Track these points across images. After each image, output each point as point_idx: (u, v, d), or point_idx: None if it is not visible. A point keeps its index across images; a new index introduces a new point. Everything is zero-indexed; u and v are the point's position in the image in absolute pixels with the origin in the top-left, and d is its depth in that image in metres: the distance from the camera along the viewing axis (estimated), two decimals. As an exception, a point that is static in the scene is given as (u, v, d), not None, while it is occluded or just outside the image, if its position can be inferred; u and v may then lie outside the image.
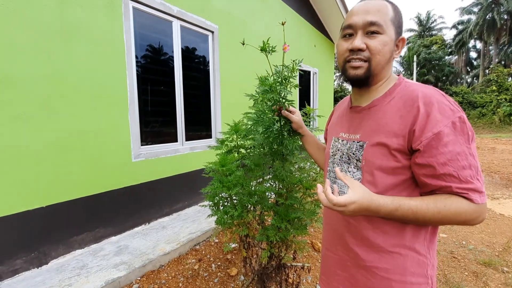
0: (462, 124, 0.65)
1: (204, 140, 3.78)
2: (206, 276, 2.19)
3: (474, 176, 0.65)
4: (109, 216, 2.60)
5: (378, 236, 0.75)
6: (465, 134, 0.65)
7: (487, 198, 4.20)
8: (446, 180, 0.66)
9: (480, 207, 0.66)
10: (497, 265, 2.35)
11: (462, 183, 0.65)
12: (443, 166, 0.65)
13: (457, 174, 0.65)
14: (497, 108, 18.22)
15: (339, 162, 0.85)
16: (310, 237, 2.84)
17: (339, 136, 0.87)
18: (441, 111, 0.66)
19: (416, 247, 0.73)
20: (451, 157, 0.65)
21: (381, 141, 0.73)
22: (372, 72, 0.75)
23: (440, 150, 0.65)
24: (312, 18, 7.14)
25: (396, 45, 0.78)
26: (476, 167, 0.66)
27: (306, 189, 1.48)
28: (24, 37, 2.00)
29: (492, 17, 24.89)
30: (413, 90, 0.71)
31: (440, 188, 0.68)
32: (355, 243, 0.79)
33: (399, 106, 0.72)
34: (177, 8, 3.17)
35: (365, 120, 0.79)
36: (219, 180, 1.48)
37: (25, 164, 2.05)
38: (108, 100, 2.55)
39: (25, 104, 2.03)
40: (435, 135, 0.65)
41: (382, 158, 0.73)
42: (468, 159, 0.65)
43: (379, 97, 0.78)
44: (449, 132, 0.65)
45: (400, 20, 0.77)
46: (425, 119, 0.66)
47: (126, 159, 2.73)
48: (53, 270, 2.10)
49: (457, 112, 0.66)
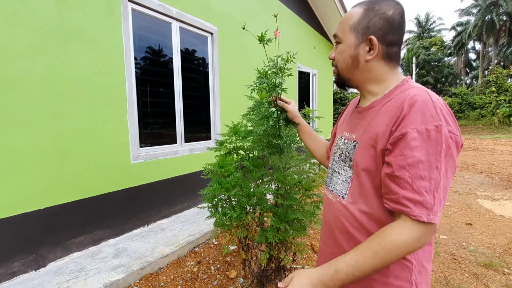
0: (437, 134, 0.61)
1: (203, 142, 3.77)
2: (205, 278, 2.18)
3: (430, 190, 0.61)
4: (107, 218, 2.59)
5: (362, 235, 0.75)
6: (438, 145, 0.61)
7: (488, 199, 4.19)
8: (399, 184, 0.63)
9: (426, 228, 0.61)
10: (497, 267, 2.34)
11: (414, 193, 0.61)
12: (400, 169, 0.63)
13: (412, 181, 0.61)
14: (497, 109, 18.24)
15: (338, 160, 0.86)
16: (309, 238, 2.82)
17: (343, 135, 0.88)
18: (420, 114, 0.63)
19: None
20: (412, 163, 0.61)
21: (369, 142, 0.73)
22: (343, 77, 0.83)
23: (403, 152, 0.62)
24: (311, 20, 7.16)
25: (369, 47, 0.75)
26: (436, 182, 0.61)
27: (306, 190, 1.47)
28: (23, 39, 2.00)
29: (491, 19, 24.99)
30: (408, 92, 0.69)
31: (389, 193, 0.65)
32: (343, 239, 0.81)
33: (391, 108, 0.71)
34: (176, 9, 3.17)
35: (362, 121, 0.80)
36: (217, 181, 1.47)
37: (23, 166, 2.04)
38: (107, 102, 2.54)
39: (24, 106, 2.02)
40: (402, 135, 0.63)
41: (369, 159, 0.73)
42: (431, 171, 0.61)
43: (378, 99, 0.77)
44: (417, 137, 0.61)
45: (370, 21, 0.74)
46: (402, 118, 0.65)
47: (125, 161, 2.72)
48: (51, 273, 2.08)
49: (436, 121, 0.62)
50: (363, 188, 0.75)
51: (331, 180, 0.89)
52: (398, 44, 0.76)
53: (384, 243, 0.63)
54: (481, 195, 4.44)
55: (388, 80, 0.77)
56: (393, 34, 0.74)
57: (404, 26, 0.76)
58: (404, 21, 0.75)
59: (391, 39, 0.74)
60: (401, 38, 0.76)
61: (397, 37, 0.75)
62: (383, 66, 0.76)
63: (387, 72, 0.77)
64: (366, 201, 0.75)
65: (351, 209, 0.78)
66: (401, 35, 0.76)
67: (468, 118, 19.95)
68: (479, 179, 5.46)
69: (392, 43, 0.75)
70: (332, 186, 0.88)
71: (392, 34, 0.74)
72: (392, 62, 0.77)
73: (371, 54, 0.75)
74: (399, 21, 0.74)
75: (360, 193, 0.76)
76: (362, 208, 0.75)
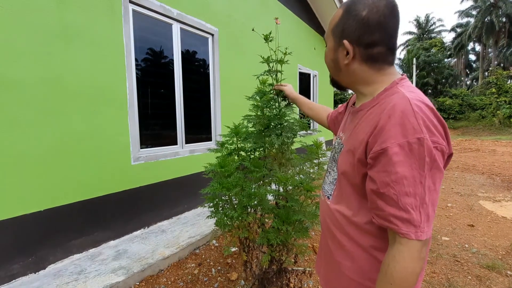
0: (420, 147, 0.58)
1: (204, 143, 3.76)
2: (206, 281, 2.16)
3: (416, 207, 0.59)
4: (107, 220, 2.58)
5: (343, 235, 0.77)
6: (421, 159, 0.58)
7: (490, 201, 4.17)
8: (385, 201, 0.61)
9: (413, 245, 0.59)
10: (500, 269, 2.32)
11: (400, 211, 0.59)
12: (384, 186, 0.61)
13: (397, 198, 0.59)
14: (497, 110, 18.22)
15: (331, 160, 0.88)
16: (310, 240, 2.81)
17: (338, 135, 0.89)
18: (400, 126, 0.59)
19: (378, 257, 0.71)
20: (396, 179, 0.59)
21: (350, 149, 0.73)
22: (333, 79, 0.85)
23: (386, 168, 0.60)
24: (312, 21, 7.17)
25: (346, 51, 0.72)
26: (422, 198, 0.59)
27: (307, 191, 1.46)
28: (23, 40, 2.00)
29: (490, 20, 25.03)
30: (391, 99, 0.65)
31: (376, 209, 0.64)
32: (328, 237, 0.84)
33: (373, 115, 0.68)
34: (177, 10, 3.17)
35: (351, 123, 0.79)
36: (218, 181, 1.46)
37: (23, 167, 2.03)
38: (108, 103, 2.53)
39: (24, 107, 2.02)
40: (383, 150, 0.60)
41: (348, 165, 0.73)
42: (416, 187, 0.59)
43: (366, 102, 0.74)
44: (399, 152, 0.58)
45: (345, 24, 0.71)
46: (379, 131, 0.62)
47: (125, 162, 2.71)
48: (50, 275, 2.07)
49: (418, 133, 0.58)
50: (344, 191, 0.77)
51: (324, 179, 0.92)
52: (382, 44, 0.69)
53: (393, 280, 0.61)
54: (482, 196, 4.42)
55: (376, 82, 0.73)
56: (371, 34, 0.68)
57: (388, 22, 0.68)
58: (386, 17, 0.67)
59: (369, 40, 0.69)
60: (385, 36, 0.69)
61: (378, 37, 0.68)
62: (366, 69, 0.72)
63: (373, 74, 0.73)
64: (347, 203, 0.76)
65: (333, 210, 0.80)
66: (385, 33, 0.68)
67: (469, 119, 19.93)
68: (480, 180, 5.44)
69: (371, 44, 0.69)
70: (323, 186, 0.91)
71: (369, 35, 0.68)
72: (377, 63, 0.71)
73: (348, 58, 0.73)
74: (377, 19, 0.67)
75: (341, 196, 0.78)
76: (343, 211, 0.77)
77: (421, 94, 0.67)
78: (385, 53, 0.71)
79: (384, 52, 0.71)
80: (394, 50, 0.72)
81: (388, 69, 0.73)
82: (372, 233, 0.71)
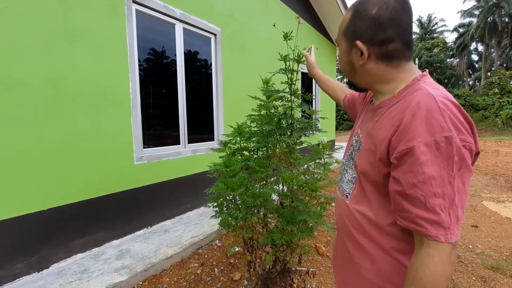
0: (448, 146, 0.56)
1: (206, 143, 3.76)
2: (209, 280, 2.15)
3: (445, 208, 0.57)
4: (110, 219, 2.58)
5: (363, 237, 0.75)
6: (449, 158, 0.56)
7: (494, 201, 4.15)
8: (412, 202, 0.59)
9: (443, 248, 0.57)
10: (505, 270, 2.30)
11: (429, 212, 0.57)
12: (411, 187, 0.58)
13: (425, 199, 0.57)
14: (500, 110, 18.15)
15: (348, 158, 0.85)
16: (314, 240, 2.80)
17: (357, 132, 0.85)
18: (426, 124, 0.57)
19: (401, 260, 0.68)
20: (423, 180, 0.57)
21: (370, 148, 0.71)
22: (350, 82, 0.83)
23: (412, 168, 0.58)
24: (314, 21, 7.16)
25: (361, 52, 0.71)
26: (451, 198, 0.57)
27: (312, 191, 1.45)
28: (27, 39, 2.00)
29: (493, 20, 24.92)
30: (415, 96, 0.63)
31: (402, 211, 0.61)
32: (346, 238, 0.81)
33: (395, 112, 0.66)
34: (180, 10, 3.17)
35: (370, 121, 0.77)
36: (223, 181, 1.46)
37: (26, 166, 2.03)
38: (111, 103, 2.54)
39: (27, 107, 2.02)
40: (408, 149, 0.58)
41: (368, 164, 0.71)
42: (444, 187, 0.56)
43: (386, 99, 0.72)
44: (426, 151, 0.56)
45: (355, 25, 0.71)
46: (404, 129, 0.60)
47: (128, 161, 2.71)
48: (53, 274, 2.07)
49: (446, 131, 0.56)
50: (364, 190, 0.74)
51: (341, 178, 0.88)
52: (397, 39, 0.67)
53: (423, 285, 0.58)
54: (486, 197, 4.40)
55: (395, 80, 0.71)
56: (384, 32, 0.67)
57: (401, 16, 0.67)
58: (398, 12, 0.66)
59: (383, 38, 0.67)
60: (398, 31, 0.67)
61: (391, 33, 0.67)
62: (383, 67, 0.71)
63: (391, 72, 0.71)
64: (368, 203, 0.73)
65: (353, 210, 0.77)
66: (398, 28, 0.67)
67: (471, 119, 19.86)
68: (483, 181, 5.41)
69: (385, 41, 0.68)
70: (340, 184, 0.88)
71: (382, 33, 0.67)
72: (394, 60, 0.69)
73: (363, 59, 0.71)
74: (389, 15, 0.66)
75: (362, 195, 0.75)
76: (363, 211, 0.74)
77: (445, 91, 0.64)
78: (401, 48, 0.69)
79: (400, 48, 0.69)
80: (410, 45, 0.70)
81: (406, 65, 0.71)
82: (395, 235, 0.68)
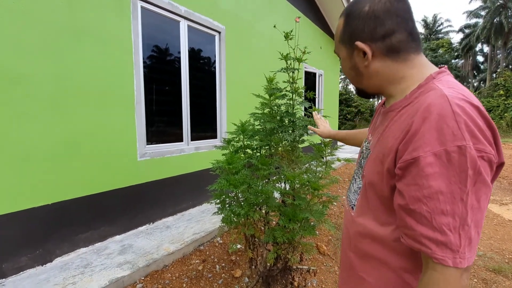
0: (460, 157, 0.48)
1: (209, 140, 3.77)
2: (210, 277, 2.17)
3: (454, 228, 0.49)
4: (113, 214, 2.60)
5: (367, 252, 0.70)
6: (462, 172, 0.48)
7: (496, 204, 4.12)
8: (416, 219, 0.52)
9: (450, 273, 0.49)
10: (507, 272, 2.29)
11: (435, 232, 0.50)
12: (415, 202, 0.51)
13: (431, 217, 0.50)
14: (505, 112, 17.97)
15: (357, 166, 0.81)
16: (315, 239, 2.80)
17: (367, 138, 0.81)
18: (437, 131, 0.50)
19: (406, 279, 0.62)
20: (429, 194, 0.50)
21: (379, 156, 0.63)
22: (358, 88, 0.77)
23: (416, 181, 0.51)
24: (318, 20, 7.13)
25: (363, 53, 0.66)
26: (462, 218, 0.49)
27: (314, 189, 1.45)
28: (33, 36, 2.02)
29: (499, 21, 24.65)
30: (427, 97, 0.56)
31: (405, 227, 0.55)
32: (349, 248, 0.77)
33: (405, 116, 0.59)
34: (184, 8, 3.18)
35: (381, 126, 0.70)
36: (225, 178, 1.47)
37: (32, 161, 2.05)
38: (115, 100, 2.55)
39: (34, 103, 2.04)
40: (413, 159, 0.51)
41: (375, 174, 0.64)
42: (455, 205, 0.49)
43: (397, 101, 0.65)
44: (434, 162, 0.49)
45: (351, 27, 0.67)
46: (411, 136, 0.53)
47: (131, 158, 2.73)
48: (57, 268, 2.09)
49: (459, 139, 0.48)
50: (370, 202, 0.68)
51: (350, 187, 0.83)
52: (399, 30, 0.62)
53: None
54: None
55: (405, 78, 0.64)
56: (382, 25, 0.62)
57: (397, 6, 0.62)
58: (392, 2, 0.62)
59: (383, 31, 0.62)
60: (398, 21, 0.62)
61: (391, 24, 0.61)
62: (390, 63, 0.64)
63: (400, 68, 0.64)
64: (374, 217, 0.67)
65: (357, 222, 0.72)
66: (397, 18, 0.62)
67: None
68: (487, 183, 5.37)
69: (387, 34, 0.62)
70: (348, 193, 0.83)
71: (381, 26, 0.62)
72: (401, 53, 0.63)
73: (367, 59, 0.66)
74: (383, 8, 0.62)
75: (367, 207, 0.70)
76: (368, 225, 0.68)
77: (465, 91, 0.56)
78: (406, 39, 0.62)
79: (405, 38, 0.62)
80: (416, 35, 0.63)
81: (415, 59, 0.64)
82: (403, 253, 0.62)
